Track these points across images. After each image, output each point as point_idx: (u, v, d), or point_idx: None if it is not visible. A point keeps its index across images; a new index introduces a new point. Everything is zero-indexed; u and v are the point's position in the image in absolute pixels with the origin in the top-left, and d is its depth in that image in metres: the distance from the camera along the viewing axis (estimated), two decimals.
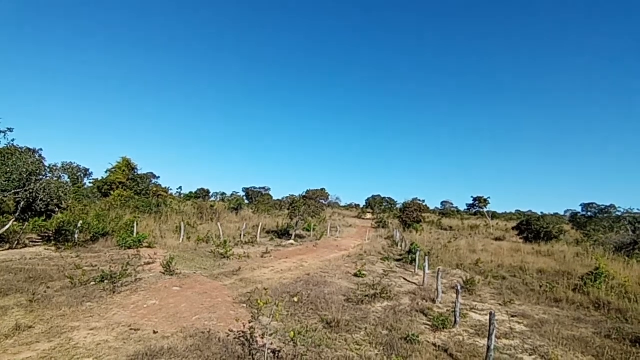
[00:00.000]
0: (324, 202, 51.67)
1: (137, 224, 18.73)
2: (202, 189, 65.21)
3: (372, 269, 15.45)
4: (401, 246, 23.97)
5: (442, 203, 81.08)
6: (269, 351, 5.68)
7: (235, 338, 6.39)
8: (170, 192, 49.25)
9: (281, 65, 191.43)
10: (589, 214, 37.00)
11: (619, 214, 32.03)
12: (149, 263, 12.83)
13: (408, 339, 6.96)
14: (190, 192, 61.22)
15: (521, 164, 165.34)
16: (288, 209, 27.73)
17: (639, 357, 6.78)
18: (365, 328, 7.68)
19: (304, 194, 39.72)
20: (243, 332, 6.39)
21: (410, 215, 38.18)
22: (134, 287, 9.61)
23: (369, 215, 65.48)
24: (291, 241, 23.77)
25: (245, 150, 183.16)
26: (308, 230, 28.95)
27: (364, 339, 7.03)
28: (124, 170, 31.94)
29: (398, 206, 52.50)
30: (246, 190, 63.34)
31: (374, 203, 70.28)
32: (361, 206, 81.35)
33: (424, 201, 48.90)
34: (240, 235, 22.80)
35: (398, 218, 41.30)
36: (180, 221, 22.59)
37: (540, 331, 8.27)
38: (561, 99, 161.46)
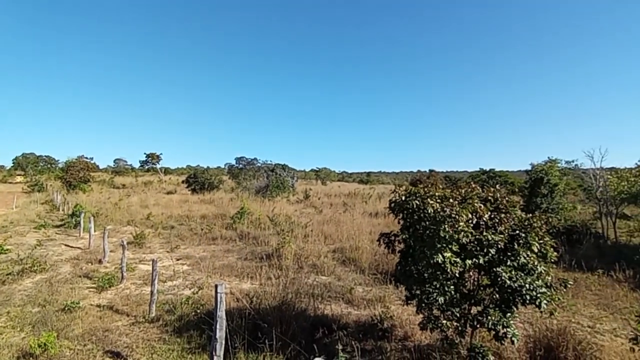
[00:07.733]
0: None
1: None
2: None
3: (22, 241, 12.59)
4: (63, 210, 20.83)
5: (115, 161, 76.05)
6: None
7: None
8: None
9: None
10: (241, 165, 44.99)
11: (260, 164, 41.06)
12: None
13: (66, 308, 6.43)
14: None
15: (189, 122, 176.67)
16: None
17: (262, 268, 9.49)
18: (8, 312, 6.42)
19: None
20: None
21: (76, 175, 34.28)
22: None
23: (19, 179, 53.30)
24: None
25: None
26: None
27: (4, 326, 5.85)
28: None
29: (60, 166, 44.34)
30: None
31: (25, 163, 56.45)
32: (7, 167, 65.49)
33: (92, 159, 44.19)
34: None
35: (60, 179, 36.10)
36: None
37: (199, 267, 9.81)
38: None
